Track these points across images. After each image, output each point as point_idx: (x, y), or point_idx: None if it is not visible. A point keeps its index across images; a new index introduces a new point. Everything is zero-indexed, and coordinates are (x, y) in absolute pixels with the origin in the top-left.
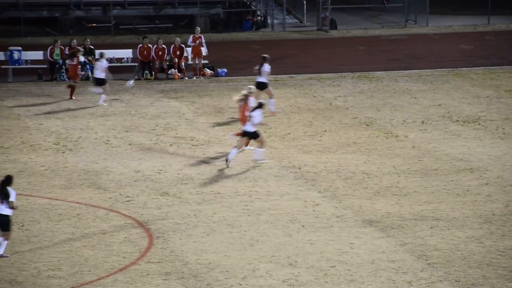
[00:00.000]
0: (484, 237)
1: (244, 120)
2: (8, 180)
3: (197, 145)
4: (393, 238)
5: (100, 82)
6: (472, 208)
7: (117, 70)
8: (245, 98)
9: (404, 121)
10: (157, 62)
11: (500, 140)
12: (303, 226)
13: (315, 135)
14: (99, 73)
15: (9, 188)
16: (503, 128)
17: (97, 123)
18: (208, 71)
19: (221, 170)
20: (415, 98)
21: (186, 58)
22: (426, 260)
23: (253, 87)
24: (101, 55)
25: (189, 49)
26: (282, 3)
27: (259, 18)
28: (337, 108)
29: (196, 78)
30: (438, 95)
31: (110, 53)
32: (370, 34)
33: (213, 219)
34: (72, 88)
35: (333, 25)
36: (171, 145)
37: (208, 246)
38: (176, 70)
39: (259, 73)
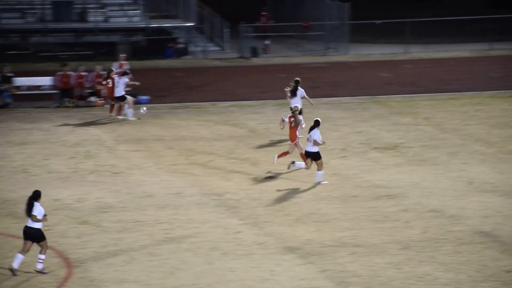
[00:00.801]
0: (402, 263)
1: (291, 139)
2: (35, 195)
3: (117, 173)
4: (313, 265)
5: (122, 99)
6: (391, 234)
7: (36, 97)
8: (295, 118)
9: (325, 148)
10: (77, 90)
11: (418, 167)
12: (224, 253)
13: (236, 162)
14: (120, 91)
15: (35, 203)
16: (421, 155)
17: (15, 151)
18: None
19: (142, 198)
20: (336, 125)
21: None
22: (345, 286)
23: (297, 105)
24: (125, 73)
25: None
26: (203, 31)
27: (181, 45)
28: (259, 135)
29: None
30: (358, 122)
31: (29, 80)
32: (291, 62)
33: (133, 247)
34: None
35: (255, 53)
36: (91, 173)
37: (128, 275)
38: (97, 98)
39: (293, 96)
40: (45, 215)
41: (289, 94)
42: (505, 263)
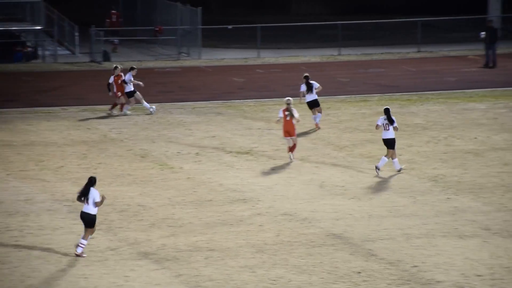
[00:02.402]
0: (256, 266)
1: (290, 132)
2: (92, 181)
3: None
4: (168, 270)
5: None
6: (245, 238)
7: None
8: (290, 111)
9: (179, 152)
10: None
11: (271, 171)
12: (76, 260)
13: (89, 167)
14: (130, 87)
15: (92, 189)
16: (274, 159)
17: None
18: None
19: None
20: (190, 130)
21: None
22: None
23: (290, 98)
24: (131, 69)
25: None
26: (53, 34)
27: (30, 49)
28: (112, 140)
29: None
30: (211, 127)
31: None
32: (143, 66)
33: None
34: None
35: (107, 57)
36: None
37: None
38: None
39: (309, 91)
40: (102, 199)
41: (304, 89)
42: (356, 264)
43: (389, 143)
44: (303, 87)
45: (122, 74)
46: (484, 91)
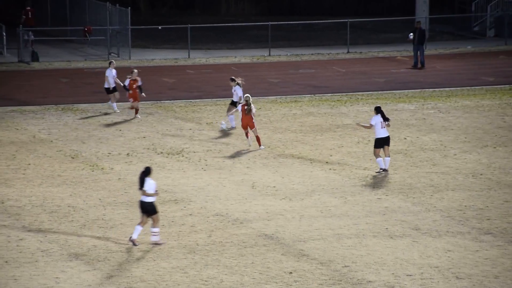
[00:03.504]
0: (188, 267)
1: (250, 125)
2: (147, 171)
3: None
4: (99, 271)
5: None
6: (177, 239)
7: None
8: (249, 106)
9: (110, 153)
10: None
11: (202, 171)
12: (6, 262)
13: (18, 168)
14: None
15: (147, 179)
16: (205, 160)
17: None
18: None
19: None
20: (120, 130)
21: None
22: None
23: (248, 95)
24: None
25: None
26: None
27: None
28: (41, 141)
29: None
30: (142, 128)
31: None
32: (73, 67)
33: None
34: None
35: (35, 57)
36: None
37: None
38: None
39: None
40: (156, 190)
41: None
42: (287, 265)
43: (386, 141)
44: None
45: (138, 78)
46: (413, 92)
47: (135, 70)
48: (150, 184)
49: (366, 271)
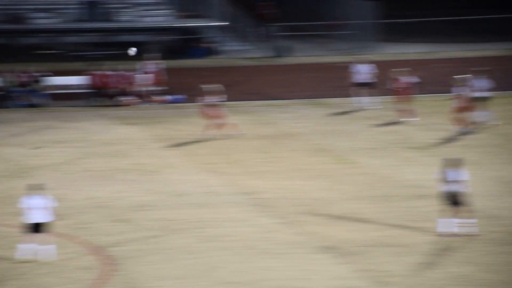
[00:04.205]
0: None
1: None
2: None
3: (152, 172)
4: (352, 264)
5: None
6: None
7: (69, 97)
8: None
9: (359, 147)
10: (112, 89)
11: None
12: (260, 252)
13: (270, 162)
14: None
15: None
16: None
17: (53, 150)
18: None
19: (176, 196)
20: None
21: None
22: (384, 286)
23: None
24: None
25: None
26: (234, 30)
27: (211, 45)
28: (292, 135)
29: (150, 104)
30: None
31: (64, 79)
32: (320, 61)
33: (170, 246)
34: None
35: (284, 51)
36: (125, 171)
37: (167, 272)
38: (131, 97)
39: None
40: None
41: None
42: None
43: None
44: None
45: (405, 77)
46: None
47: (398, 70)
48: (463, 175)
49: None
